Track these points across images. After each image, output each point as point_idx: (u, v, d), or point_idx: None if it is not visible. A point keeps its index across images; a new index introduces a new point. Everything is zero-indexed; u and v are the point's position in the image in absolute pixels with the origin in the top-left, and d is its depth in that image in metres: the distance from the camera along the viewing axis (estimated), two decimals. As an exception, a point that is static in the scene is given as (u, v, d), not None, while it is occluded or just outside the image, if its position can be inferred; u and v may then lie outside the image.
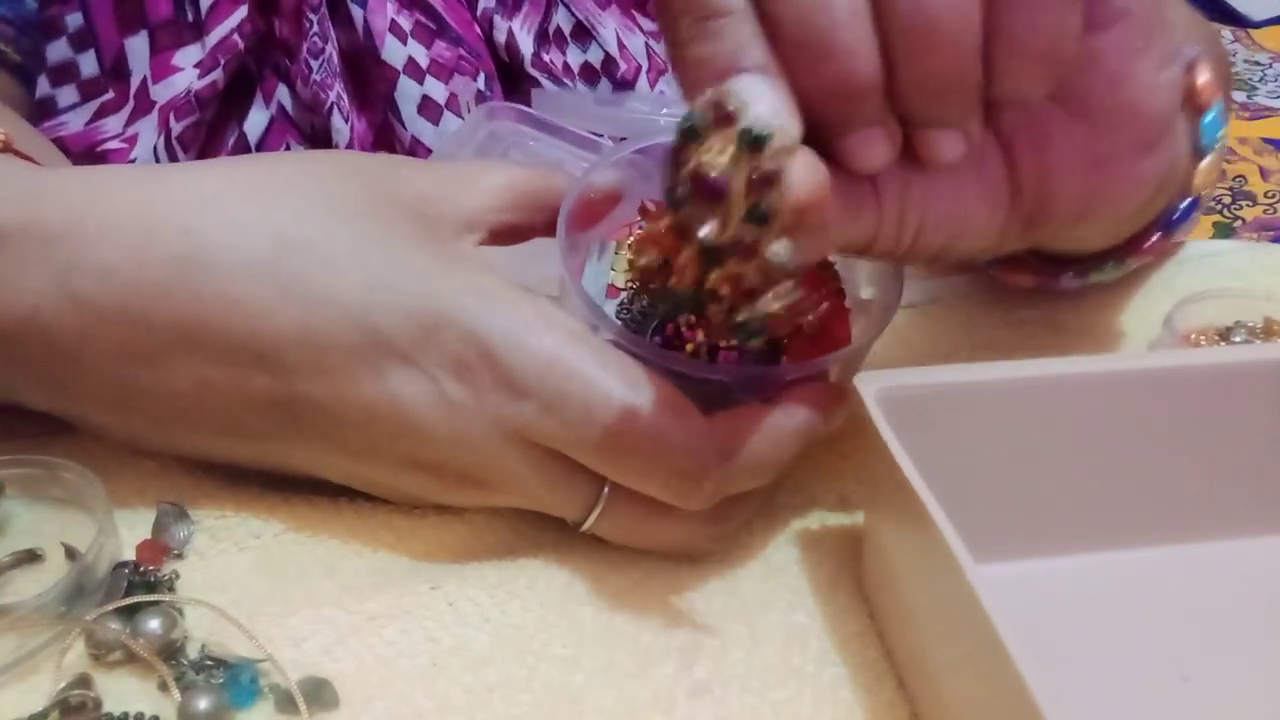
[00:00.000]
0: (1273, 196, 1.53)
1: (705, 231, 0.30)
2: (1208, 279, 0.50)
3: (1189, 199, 0.41)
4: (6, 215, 0.35)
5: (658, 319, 0.38)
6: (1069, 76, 0.33)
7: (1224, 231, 1.48)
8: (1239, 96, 1.76)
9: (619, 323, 0.39)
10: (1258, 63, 1.90)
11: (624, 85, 0.60)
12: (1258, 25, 2.03)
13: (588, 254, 0.41)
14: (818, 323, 0.35)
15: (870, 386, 0.33)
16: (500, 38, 0.57)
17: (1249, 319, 0.47)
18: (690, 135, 0.30)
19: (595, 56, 0.60)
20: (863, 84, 0.31)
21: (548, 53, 0.58)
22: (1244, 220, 1.50)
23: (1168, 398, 0.36)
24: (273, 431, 0.36)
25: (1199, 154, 0.40)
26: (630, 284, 0.39)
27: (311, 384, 0.34)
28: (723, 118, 0.30)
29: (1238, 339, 0.46)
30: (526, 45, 0.57)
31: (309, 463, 0.37)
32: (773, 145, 0.30)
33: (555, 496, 0.35)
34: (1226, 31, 2.00)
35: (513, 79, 0.58)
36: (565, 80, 0.58)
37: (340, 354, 0.34)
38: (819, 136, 0.32)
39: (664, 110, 0.56)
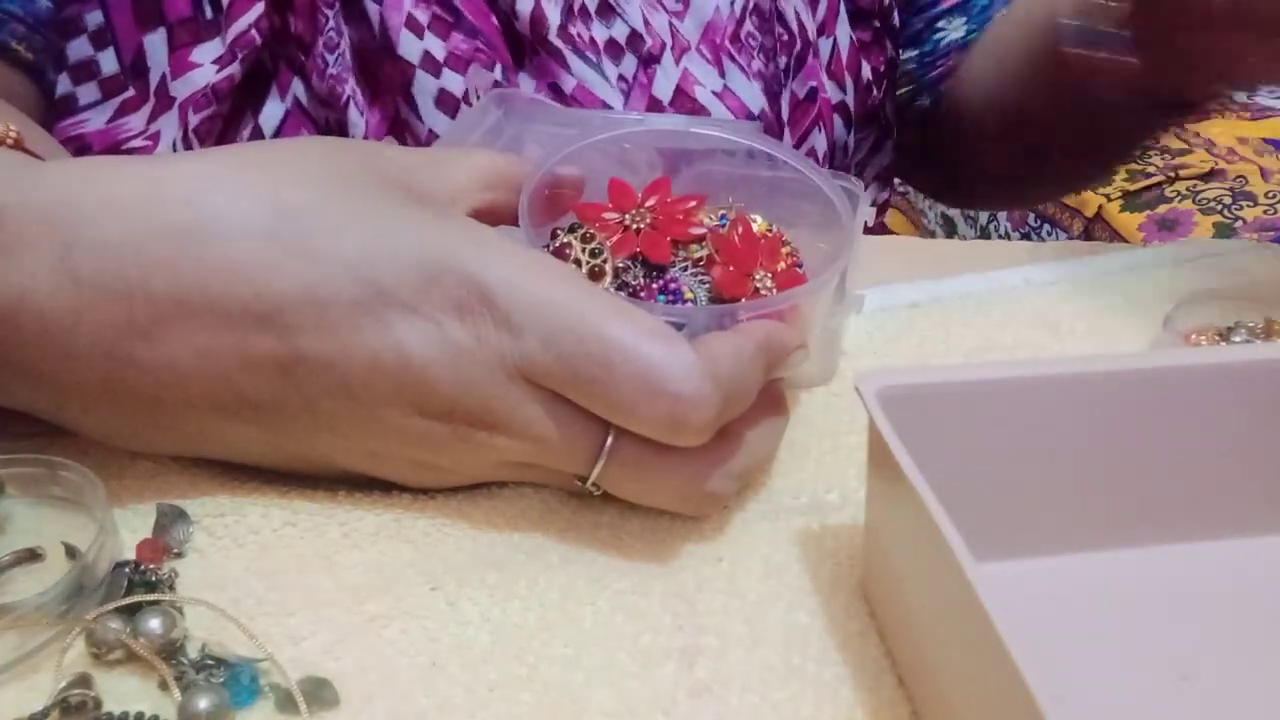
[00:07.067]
0: (1273, 197, 1.53)
1: None
2: (1208, 279, 0.50)
3: None
4: (3, 195, 0.35)
5: (615, 285, 0.39)
6: None
7: (1224, 232, 1.48)
8: (1239, 97, 1.76)
9: None
10: (1258, 63, 1.90)
11: (650, 60, 0.60)
12: (1258, 25, 2.03)
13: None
14: None
15: (870, 386, 0.33)
16: (524, 9, 0.57)
17: (1249, 319, 0.47)
18: None
19: (620, 32, 0.60)
20: None
21: (573, 25, 0.59)
22: (1244, 220, 1.50)
23: (1168, 398, 0.36)
24: (273, 401, 0.36)
25: None
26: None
27: (316, 341, 0.35)
28: None
29: (1238, 339, 0.46)
30: (554, 15, 0.58)
31: (308, 438, 0.37)
32: None
33: (562, 440, 0.36)
34: (1227, 32, 1.99)
35: (531, 56, 0.58)
36: (589, 54, 0.59)
37: (344, 309, 0.35)
38: None
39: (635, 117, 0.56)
